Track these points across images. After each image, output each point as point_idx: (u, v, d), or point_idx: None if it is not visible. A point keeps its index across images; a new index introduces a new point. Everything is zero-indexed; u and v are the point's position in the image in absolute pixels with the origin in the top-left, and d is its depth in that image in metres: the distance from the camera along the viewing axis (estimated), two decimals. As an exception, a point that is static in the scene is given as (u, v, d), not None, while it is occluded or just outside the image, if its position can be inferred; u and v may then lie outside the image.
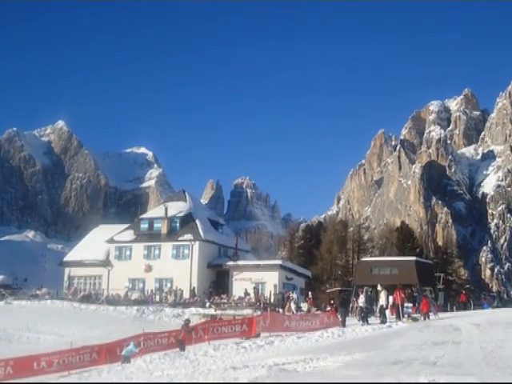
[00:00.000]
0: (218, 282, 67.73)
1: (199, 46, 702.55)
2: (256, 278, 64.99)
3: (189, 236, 68.21)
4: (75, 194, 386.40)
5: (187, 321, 36.96)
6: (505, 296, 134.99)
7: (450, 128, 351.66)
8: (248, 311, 55.14)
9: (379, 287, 45.93)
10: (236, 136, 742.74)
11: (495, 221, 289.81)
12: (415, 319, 40.87)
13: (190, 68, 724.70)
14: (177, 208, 72.17)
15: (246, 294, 61.47)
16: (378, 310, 43.97)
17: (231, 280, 66.71)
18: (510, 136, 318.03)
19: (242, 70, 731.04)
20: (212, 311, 56.60)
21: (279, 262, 71.66)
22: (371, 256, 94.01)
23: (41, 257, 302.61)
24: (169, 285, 67.03)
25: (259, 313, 48.70)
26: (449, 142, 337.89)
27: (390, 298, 43.13)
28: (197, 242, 67.73)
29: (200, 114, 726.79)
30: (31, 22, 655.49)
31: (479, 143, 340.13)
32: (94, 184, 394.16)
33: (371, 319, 41.64)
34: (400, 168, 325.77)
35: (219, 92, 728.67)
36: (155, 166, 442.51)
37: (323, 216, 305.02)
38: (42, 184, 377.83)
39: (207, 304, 60.32)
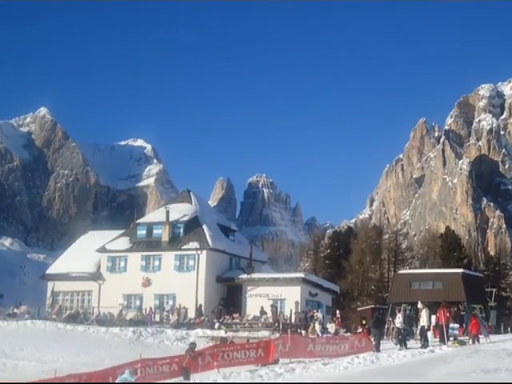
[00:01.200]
0: (228, 299, 67.85)
1: (204, 20, 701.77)
2: (274, 294, 65.05)
3: (194, 244, 68.30)
4: (60, 194, 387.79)
5: (193, 345, 37.01)
6: None
7: (503, 116, 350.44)
8: (264, 333, 55.24)
9: (420, 305, 45.93)
10: (250, 127, 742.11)
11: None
12: (462, 343, 40.82)
13: (194, 46, 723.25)
14: (180, 211, 72.31)
15: (263, 312, 61.48)
16: (418, 331, 43.99)
17: (244, 296, 66.82)
18: None
19: (257, 49, 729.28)
20: (222, 333, 56.69)
21: (301, 274, 71.76)
22: (410, 268, 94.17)
23: (19, 269, 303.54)
24: (171, 302, 67.22)
25: (278, 335, 48.79)
26: (502, 132, 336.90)
27: (433, 318, 43.06)
28: (204, 252, 67.81)
29: (207, 100, 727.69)
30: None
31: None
32: (82, 183, 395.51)
33: (410, 343, 41.66)
34: (444, 164, 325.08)
35: (229, 75, 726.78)
36: (154, 161, 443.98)
37: (353, 221, 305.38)
38: (21, 183, 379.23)
39: (216, 325, 60.40)
